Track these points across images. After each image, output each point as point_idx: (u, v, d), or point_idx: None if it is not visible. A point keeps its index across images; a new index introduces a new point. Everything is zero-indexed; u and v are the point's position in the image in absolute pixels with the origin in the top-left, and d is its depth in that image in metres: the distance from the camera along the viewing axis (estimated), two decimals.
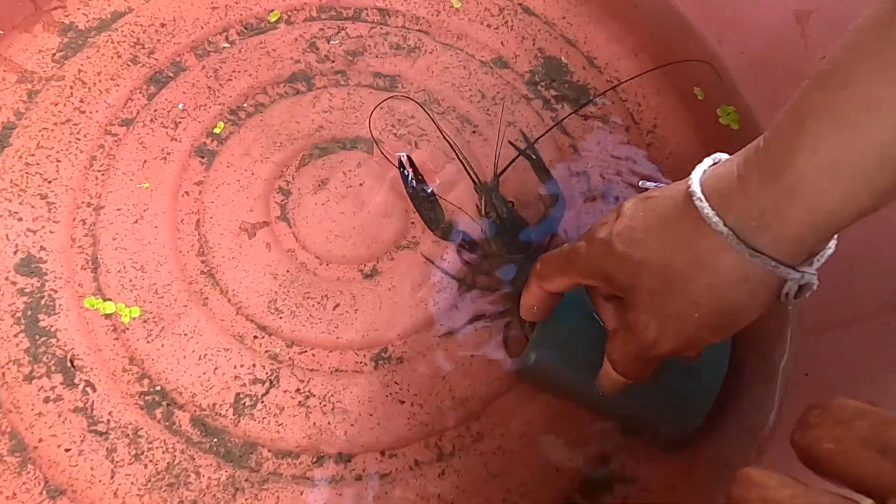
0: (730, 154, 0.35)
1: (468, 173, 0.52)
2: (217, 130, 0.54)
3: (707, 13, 0.60)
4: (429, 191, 0.52)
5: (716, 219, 0.32)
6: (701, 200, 0.33)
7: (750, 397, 0.47)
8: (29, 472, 0.43)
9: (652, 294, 0.35)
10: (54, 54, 0.57)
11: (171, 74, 0.57)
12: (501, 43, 0.60)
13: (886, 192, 0.30)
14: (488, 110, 0.57)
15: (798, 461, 0.22)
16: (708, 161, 0.35)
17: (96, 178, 0.52)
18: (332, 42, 0.59)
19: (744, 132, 0.57)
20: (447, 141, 0.53)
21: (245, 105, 0.56)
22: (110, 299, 0.48)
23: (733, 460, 0.46)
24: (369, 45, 0.59)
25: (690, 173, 0.34)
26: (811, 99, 0.30)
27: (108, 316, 0.48)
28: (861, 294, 0.46)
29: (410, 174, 0.52)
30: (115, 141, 0.54)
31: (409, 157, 0.52)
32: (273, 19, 0.59)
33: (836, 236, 0.33)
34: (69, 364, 0.46)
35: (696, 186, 0.33)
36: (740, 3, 0.57)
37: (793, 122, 0.30)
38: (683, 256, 0.33)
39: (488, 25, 0.61)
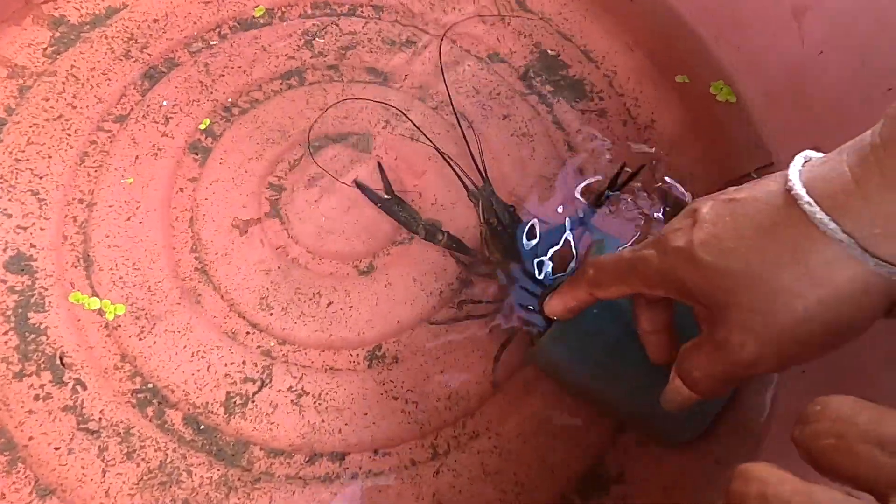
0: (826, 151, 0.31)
1: (460, 180, 0.51)
2: (202, 127, 0.54)
3: (703, 9, 0.60)
4: (389, 196, 0.51)
5: (833, 225, 0.28)
6: (811, 205, 0.29)
7: (746, 395, 0.47)
8: (18, 471, 0.43)
9: (749, 311, 0.31)
10: (45, 49, 0.56)
11: (164, 70, 0.56)
12: (497, 38, 0.60)
13: None
14: (483, 105, 0.57)
15: (796, 458, 0.22)
16: (799, 160, 0.32)
17: (88, 175, 0.52)
18: (318, 39, 0.58)
19: (742, 104, 0.57)
20: (438, 151, 0.53)
21: (239, 101, 0.55)
22: (97, 296, 0.48)
23: (730, 459, 0.45)
24: (363, 41, 0.59)
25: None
26: None
27: (96, 312, 0.47)
28: None
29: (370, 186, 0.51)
30: (109, 137, 0.53)
31: (379, 165, 0.52)
32: (258, 14, 0.59)
33: None
34: (59, 362, 0.46)
35: (799, 188, 0.30)
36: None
37: None
38: (790, 268, 0.30)
39: (483, 21, 0.61)
